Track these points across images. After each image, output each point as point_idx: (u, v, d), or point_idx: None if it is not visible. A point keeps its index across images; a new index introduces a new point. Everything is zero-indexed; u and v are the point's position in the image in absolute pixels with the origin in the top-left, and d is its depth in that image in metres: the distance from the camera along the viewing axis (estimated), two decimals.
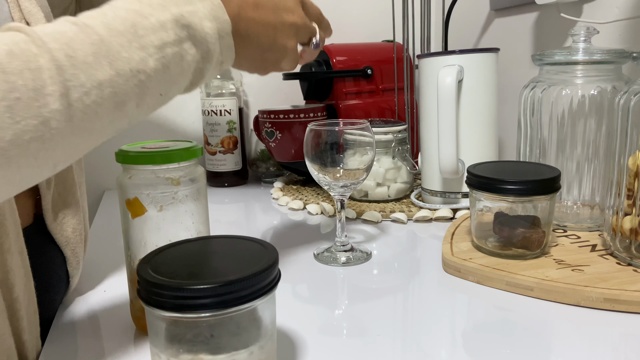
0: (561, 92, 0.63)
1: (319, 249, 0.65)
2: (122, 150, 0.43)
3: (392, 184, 0.84)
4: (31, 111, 0.28)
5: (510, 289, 0.52)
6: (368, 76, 0.97)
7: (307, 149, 0.60)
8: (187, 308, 0.31)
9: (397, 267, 0.60)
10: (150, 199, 0.42)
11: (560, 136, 0.65)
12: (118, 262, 0.63)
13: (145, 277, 0.32)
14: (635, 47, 0.68)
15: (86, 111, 0.30)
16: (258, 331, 0.34)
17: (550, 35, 0.84)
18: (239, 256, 0.35)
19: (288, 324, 0.47)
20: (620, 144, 0.54)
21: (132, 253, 0.45)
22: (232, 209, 0.89)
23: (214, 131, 1.02)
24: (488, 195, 0.57)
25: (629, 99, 0.52)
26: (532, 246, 0.56)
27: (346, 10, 1.15)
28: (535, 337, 0.43)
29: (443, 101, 0.72)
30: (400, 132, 0.84)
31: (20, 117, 0.28)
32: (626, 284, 0.48)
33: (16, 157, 0.28)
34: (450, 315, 0.48)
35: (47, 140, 0.29)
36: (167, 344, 0.33)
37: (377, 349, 0.43)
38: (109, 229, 0.77)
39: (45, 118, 0.29)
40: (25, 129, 0.28)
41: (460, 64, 0.73)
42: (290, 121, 0.92)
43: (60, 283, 0.51)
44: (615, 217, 0.55)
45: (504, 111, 0.91)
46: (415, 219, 0.76)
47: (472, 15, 1.04)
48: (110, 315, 0.50)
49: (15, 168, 0.28)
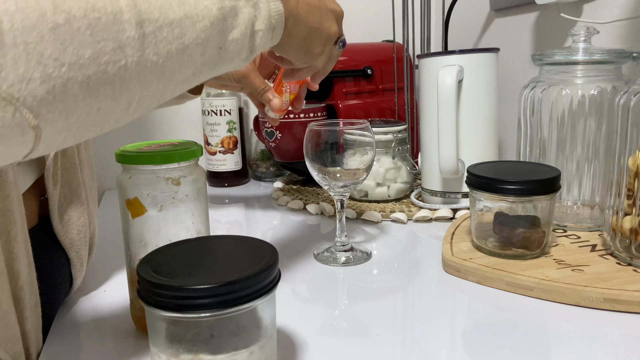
0: (561, 92, 0.63)
1: (319, 249, 0.65)
2: (122, 150, 0.43)
3: (392, 184, 0.84)
4: (109, 34, 0.29)
5: (510, 289, 0.52)
6: (368, 76, 0.97)
7: (307, 149, 0.60)
8: (187, 308, 0.31)
9: (397, 267, 0.60)
10: (150, 199, 0.42)
11: (560, 136, 0.65)
12: (118, 262, 0.63)
13: (145, 277, 0.32)
14: (635, 47, 0.68)
15: (158, 46, 0.31)
16: (258, 331, 0.34)
17: (550, 35, 0.84)
18: (239, 256, 0.35)
19: (288, 324, 0.47)
20: (620, 144, 0.54)
21: (132, 253, 0.45)
22: (232, 209, 0.89)
23: (214, 131, 1.02)
24: (488, 195, 0.57)
25: (629, 99, 0.52)
26: (532, 246, 0.56)
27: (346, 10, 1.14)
28: (535, 337, 0.43)
29: (443, 101, 0.72)
30: (400, 132, 0.84)
31: (100, 38, 0.28)
32: (626, 284, 0.48)
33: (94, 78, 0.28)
34: (450, 315, 0.48)
35: (123, 68, 0.30)
36: (167, 344, 0.33)
37: (377, 349, 0.43)
38: (109, 229, 0.77)
39: (122, 43, 0.29)
40: (103, 49, 0.28)
41: (460, 64, 0.73)
42: (290, 121, 0.92)
43: (63, 284, 0.51)
44: (615, 217, 0.55)
45: (504, 111, 0.91)
46: (415, 219, 0.76)
47: (472, 15, 1.04)
48: (110, 315, 0.50)
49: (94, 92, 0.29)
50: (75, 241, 0.51)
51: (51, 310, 0.49)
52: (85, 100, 0.29)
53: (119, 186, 0.44)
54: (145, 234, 0.43)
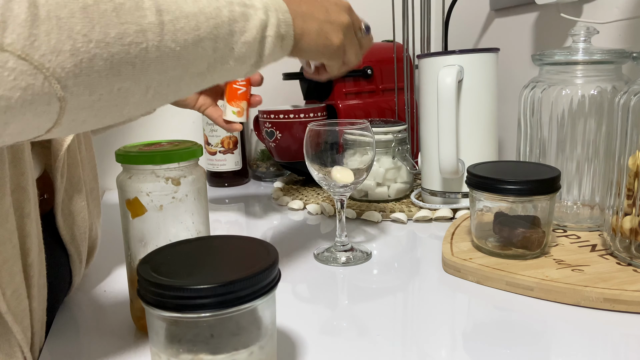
0: (561, 92, 0.63)
1: (319, 249, 0.65)
2: (122, 150, 0.44)
3: (392, 184, 0.84)
4: (132, 17, 0.31)
5: (510, 289, 0.52)
6: (368, 76, 0.97)
7: (307, 149, 0.60)
8: (187, 308, 0.31)
9: (397, 267, 0.60)
10: (150, 199, 0.43)
11: (560, 136, 0.65)
12: (118, 262, 0.64)
13: (145, 277, 0.32)
14: (635, 47, 0.68)
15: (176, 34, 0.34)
16: (258, 331, 0.34)
17: (550, 35, 0.84)
18: (239, 256, 0.35)
19: (288, 324, 0.47)
20: (620, 144, 0.54)
21: (132, 253, 0.45)
22: (232, 209, 0.89)
23: (214, 131, 1.02)
24: (488, 195, 0.57)
25: (629, 99, 0.52)
26: (532, 246, 0.56)
27: None
28: (535, 337, 0.43)
29: (443, 101, 0.72)
30: (400, 132, 0.84)
31: (124, 20, 0.30)
32: (626, 284, 0.48)
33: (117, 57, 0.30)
34: (450, 315, 0.48)
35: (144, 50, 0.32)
36: (167, 344, 0.33)
37: (377, 349, 0.43)
38: (109, 229, 0.77)
39: (143, 27, 0.31)
40: (127, 31, 0.31)
41: (460, 64, 0.73)
42: (290, 121, 0.92)
43: (63, 284, 0.51)
44: (615, 217, 0.55)
45: (504, 111, 0.91)
46: (415, 219, 0.76)
47: (472, 15, 1.04)
48: (110, 315, 0.50)
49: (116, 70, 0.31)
50: (76, 236, 0.51)
51: (51, 308, 0.49)
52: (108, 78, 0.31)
53: (119, 186, 0.44)
54: (145, 234, 0.43)
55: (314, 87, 0.99)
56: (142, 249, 0.43)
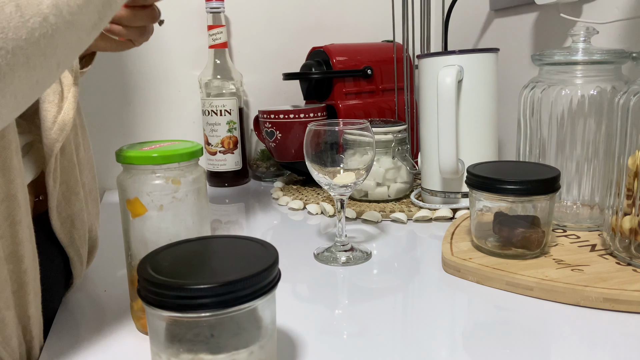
0: (561, 92, 0.63)
1: (319, 249, 0.65)
2: (122, 150, 0.44)
3: (392, 184, 0.84)
4: (33, 9, 0.31)
5: (510, 288, 0.52)
6: (368, 76, 0.97)
7: (307, 149, 0.60)
8: (187, 308, 0.31)
9: (397, 267, 0.60)
10: (150, 199, 0.43)
11: (560, 136, 0.65)
12: (118, 262, 0.64)
13: (145, 277, 0.32)
14: (635, 47, 0.68)
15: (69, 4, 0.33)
16: (258, 331, 0.34)
17: (550, 35, 0.84)
18: (239, 256, 0.35)
19: (288, 324, 0.47)
20: (619, 144, 0.54)
21: (132, 253, 0.45)
22: (232, 209, 0.89)
23: (214, 131, 1.02)
24: (488, 195, 0.57)
25: (629, 99, 0.52)
26: (531, 246, 0.56)
27: (346, 10, 1.15)
28: (535, 337, 0.43)
29: (443, 101, 0.72)
30: (400, 132, 0.84)
31: (28, 16, 0.30)
32: (626, 284, 0.48)
33: (32, 55, 0.31)
34: (450, 315, 0.48)
35: (50, 36, 0.32)
36: (167, 344, 0.33)
37: (377, 349, 0.43)
38: (109, 229, 0.77)
39: (45, 14, 0.31)
40: (33, 26, 0.31)
41: (460, 64, 0.73)
42: (290, 121, 0.92)
43: (57, 285, 0.51)
44: (615, 217, 0.55)
45: (504, 111, 0.91)
46: (415, 219, 0.76)
47: (472, 15, 1.04)
48: (110, 315, 0.50)
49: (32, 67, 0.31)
50: (75, 239, 0.51)
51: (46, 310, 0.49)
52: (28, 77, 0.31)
53: (119, 186, 0.44)
54: (145, 234, 0.43)
55: (314, 87, 0.99)
56: (142, 249, 0.43)
